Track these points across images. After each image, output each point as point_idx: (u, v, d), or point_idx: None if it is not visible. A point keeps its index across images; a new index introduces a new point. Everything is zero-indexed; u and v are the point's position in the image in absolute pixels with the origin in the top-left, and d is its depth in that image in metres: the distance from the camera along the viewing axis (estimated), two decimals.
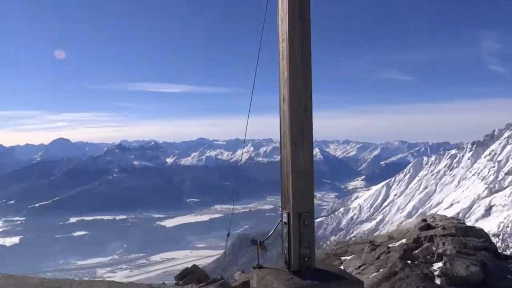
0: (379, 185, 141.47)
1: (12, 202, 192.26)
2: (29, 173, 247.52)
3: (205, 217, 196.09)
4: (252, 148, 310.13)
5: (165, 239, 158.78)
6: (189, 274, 6.00)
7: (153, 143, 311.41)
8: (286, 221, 2.79)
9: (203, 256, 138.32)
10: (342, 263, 5.93)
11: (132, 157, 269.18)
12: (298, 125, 2.76)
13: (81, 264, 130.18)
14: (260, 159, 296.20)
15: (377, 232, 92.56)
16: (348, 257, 6.07)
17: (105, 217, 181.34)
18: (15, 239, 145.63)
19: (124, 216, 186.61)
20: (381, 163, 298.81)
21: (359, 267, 5.29)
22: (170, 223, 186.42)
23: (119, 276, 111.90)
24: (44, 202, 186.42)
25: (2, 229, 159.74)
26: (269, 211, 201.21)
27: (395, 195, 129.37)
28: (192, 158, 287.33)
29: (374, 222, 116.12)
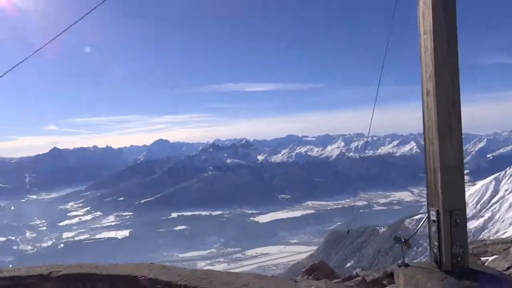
0: (487, 180, 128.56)
1: (122, 198, 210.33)
2: (135, 172, 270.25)
3: (297, 213, 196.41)
4: (342, 144, 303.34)
5: (259, 234, 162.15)
6: (317, 270, 5.85)
7: (244, 141, 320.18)
8: (434, 219, 2.66)
9: (296, 252, 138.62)
10: (484, 263, 5.23)
11: (225, 155, 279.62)
12: (446, 120, 2.65)
13: (182, 256, 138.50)
14: (351, 154, 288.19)
15: (485, 231, 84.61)
16: (490, 258, 5.35)
17: (203, 213, 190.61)
18: (126, 232, 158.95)
19: (220, 212, 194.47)
20: (488, 156, 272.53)
21: (507, 268, 4.64)
22: (263, 218, 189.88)
23: (218, 269, 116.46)
24: (149, 199, 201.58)
25: (114, 223, 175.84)
26: (363, 207, 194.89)
27: (505, 190, 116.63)
28: (282, 155, 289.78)
29: (481, 220, 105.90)
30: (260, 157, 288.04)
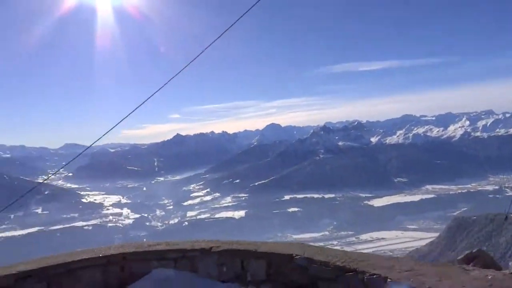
0: None
1: (238, 181, 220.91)
2: (249, 155, 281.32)
3: (415, 198, 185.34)
4: (467, 122, 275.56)
5: (373, 218, 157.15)
6: (476, 259, 5.40)
7: (356, 123, 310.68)
8: None
9: (415, 238, 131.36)
10: None
11: (336, 138, 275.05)
12: None
13: (296, 237, 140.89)
14: (478, 134, 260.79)
15: None
16: None
17: (315, 195, 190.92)
18: (242, 213, 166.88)
19: (332, 195, 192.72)
20: None
21: None
22: (378, 202, 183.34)
23: None
24: (263, 181, 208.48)
25: (232, 204, 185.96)
26: (493, 192, 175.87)
27: None
28: (397, 136, 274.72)
29: None
30: (374, 139, 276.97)
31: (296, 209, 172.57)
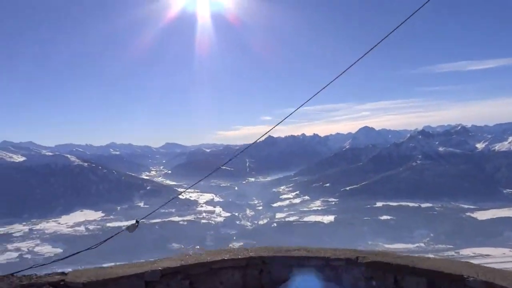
0: None
1: (328, 185, 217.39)
2: (340, 159, 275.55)
3: None
4: None
5: (476, 232, 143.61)
6: None
7: (459, 127, 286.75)
8: None
9: None
10: None
11: (436, 143, 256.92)
12: None
13: (387, 247, 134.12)
14: None
15: None
16: None
17: (410, 204, 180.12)
18: (331, 218, 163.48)
19: (430, 204, 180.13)
20: None
21: None
22: (482, 215, 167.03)
23: None
24: (354, 186, 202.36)
25: (321, 208, 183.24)
26: None
27: None
28: (509, 142, 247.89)
29: None
30: (480, 145, 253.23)
31: (388, 217, 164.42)
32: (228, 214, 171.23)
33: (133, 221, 6.09)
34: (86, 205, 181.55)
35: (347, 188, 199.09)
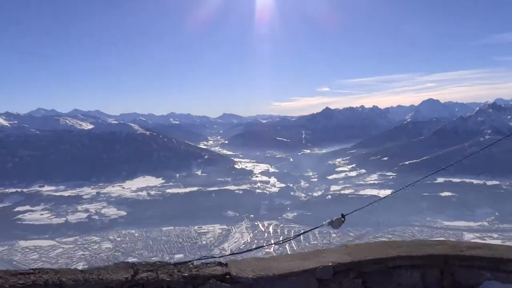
0: None
1: (386, 158, 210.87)
2: (401, 132, 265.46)
3: None
4: None
5: None
6: None
7: None
8: None
9: None
10: None
11: (508, 117, 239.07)
12: None
13: (447, 224, 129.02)
14: None
15: None
16: None
17: (474, 181, 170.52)
18: (388, 192, 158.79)
19: (497, 182, 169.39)
20: None
21: None
22: None
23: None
24: (414, 161, 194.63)
25: (378, 181, 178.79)
26: None
27: None
28: None
29: None
30: None
31: (450, 193, 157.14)
32: (282, 185, 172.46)
33: (339, 216, 5.42)
34: (148, 171, 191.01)
35: (406, 163, 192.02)
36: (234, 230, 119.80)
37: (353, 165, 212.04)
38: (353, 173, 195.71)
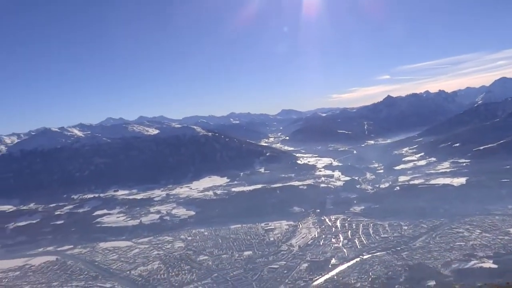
0: None
1: (457, 145, 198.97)
2: (472, 116, 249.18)
3: None
4: None
5: None
6: None
7: None
8: None
9: None
10: None
11: None
12: None
13: None
14: None
15: None
16: None
17: None
18: (462, 180, 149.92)
19: None
20: None
21: None
22: None
23: None
24: (489, 145, 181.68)
25: (450, 169, 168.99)
26: None
27: None
28: None
29: None
30: None
31: None
32: (347, 178, 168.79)
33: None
34: (213, 171, 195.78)
35: (481, 148, 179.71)
36: (301, 225, 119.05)
37: (422, 153, 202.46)
38: (422, 162, 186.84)
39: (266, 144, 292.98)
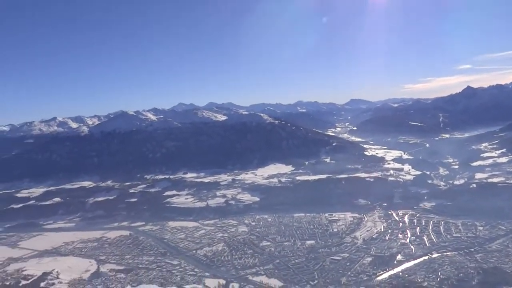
0: None
1: None
2: None
3: None
4: None
5: None
6: None
7: None
8: None
9: None
10: None
11: None
12: None
13: None
14: None
15: None
16: None
17: None
18: None
19: None
20: None
21: None
22: None
23: None
24: None
25: None
26: None
27: None
28: None
29: None
30: None
31: None
32: (418, 173, 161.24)
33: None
34: (278, 159, 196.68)
35: None
36: (366, 218, 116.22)
37: (503, 150, 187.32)
38: (503, 159, 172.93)
39: (333, 134, 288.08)
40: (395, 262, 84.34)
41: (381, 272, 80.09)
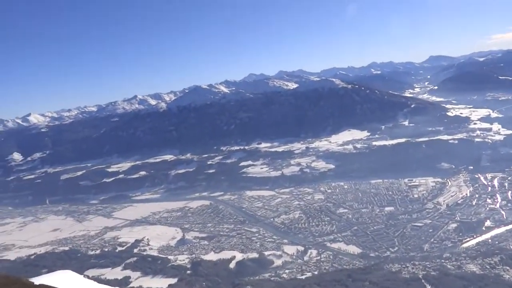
0: None
1: None
2: None
3: None
4: None
5: None
6: None
7: None
8: None
9: None
10: None
11: None
12: None
13: None
14: None
15: None
16: None
17: None
18: None
19: None
20: None
21: None
22: None
23: None
24: None
25: None
26: None
27: None
28: None
29: None
30: None
31: None
32: (509, 132, 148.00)
33: None
34: (352, 124, 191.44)
35: None
36: (449, 183, 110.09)
37: None
38: None
39: (411, 95, 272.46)
40: (484, 228, 79.59)
41: (468, 239, 76.15)
